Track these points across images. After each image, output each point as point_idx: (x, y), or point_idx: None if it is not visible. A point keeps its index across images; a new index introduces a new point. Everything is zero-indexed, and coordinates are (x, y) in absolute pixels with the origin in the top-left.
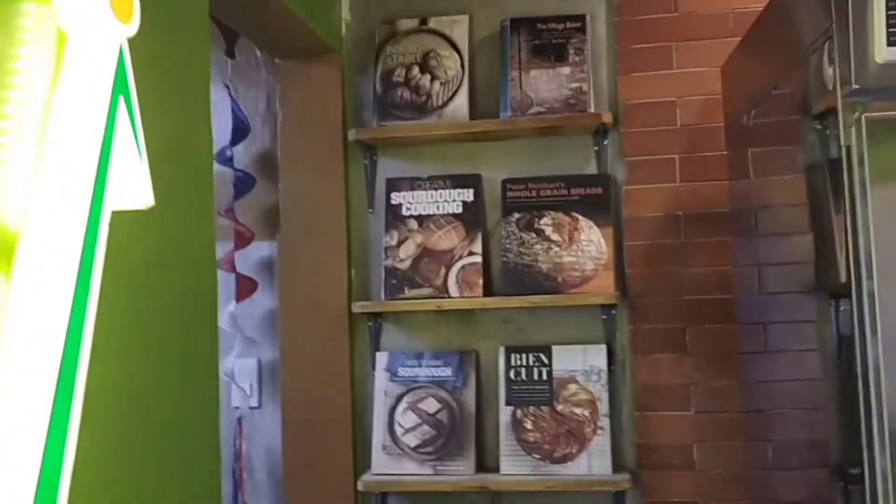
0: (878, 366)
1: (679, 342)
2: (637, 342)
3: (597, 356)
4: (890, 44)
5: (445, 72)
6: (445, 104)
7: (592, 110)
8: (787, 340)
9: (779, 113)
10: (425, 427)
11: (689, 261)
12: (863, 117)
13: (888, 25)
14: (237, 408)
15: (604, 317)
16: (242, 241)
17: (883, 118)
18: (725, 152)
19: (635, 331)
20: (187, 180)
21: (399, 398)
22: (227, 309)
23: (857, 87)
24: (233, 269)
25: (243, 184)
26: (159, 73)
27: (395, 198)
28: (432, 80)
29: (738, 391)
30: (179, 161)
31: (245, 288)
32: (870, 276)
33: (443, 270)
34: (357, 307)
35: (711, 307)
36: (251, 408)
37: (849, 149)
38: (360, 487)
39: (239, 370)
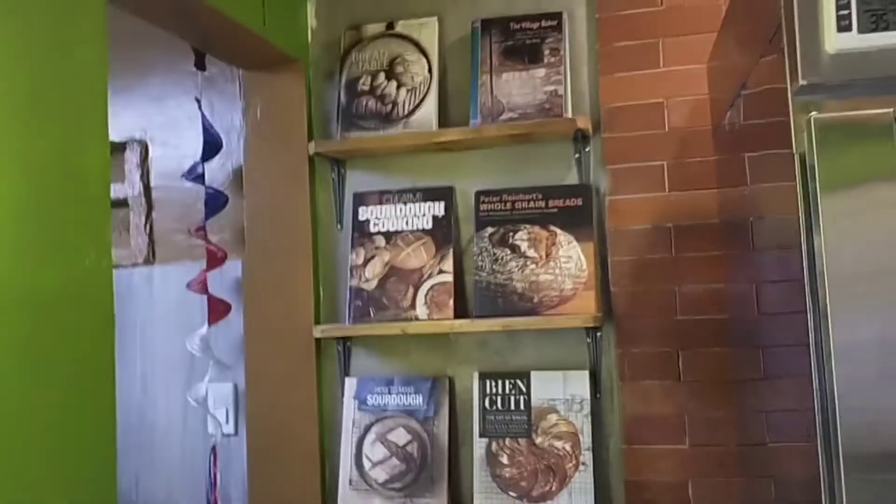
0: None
1: (671, 368)
2: (625, 368)
3: (579, 384)
4: (841, 29)
5: (412, 78)
6: (412, 112)
7: (569, 115)
8: (789, 365)
9: (751, 114)
10: (394, 460)
11: (680, 277)
12: (811, 119)
13: (838, 7)
14: (212, 435)
15: (588, 340)
16: (215, 261)
17: (835, 120)
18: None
19: (623, 355)
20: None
21: (367, 428)
22: (198, 332)
23: (806, 82)
24: (205, 290)
25: (215, 201)
26: (46, 75)
27: (363, 213)
28: (398, 87)
29: (736, 422)
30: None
31: (217, 310)
32: (821, 297)
33: (411, 291)
34: (318, 331)
35: (706, 329)
36: (226, 435)
37: (801, 156)
38: None
39: (213, 396)
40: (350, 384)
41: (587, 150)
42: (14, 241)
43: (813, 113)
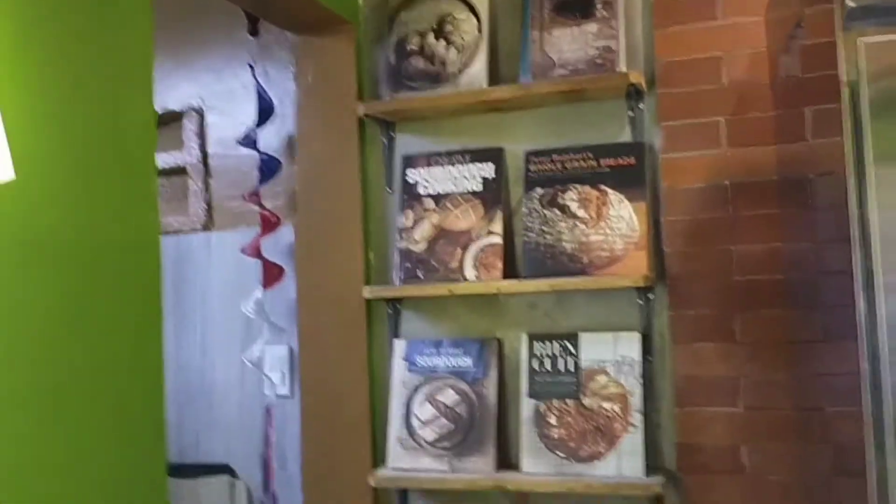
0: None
1: (726, 329)
2: (677, 330)
3: (630, 345)
4: None
5: (462, 37)
6: (461, 72)
7: (623, 70)
8: (849, 326)
9: (811, 67)
10: (443, 420)
11: (737, 237)
12: (860, 43)
13: None
14: (267, 396)
15: (640, 301)
16: (268, 226)
17: (887, 43)
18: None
19: (675, 317)
20: (125, 158)
21: (416, 389)
22: (253, 296)
23: (854, 5)
24: (258, 254)
25: (268, 167)
26: (91, 45)
27: (412, 175)
28: (448, 46)
29: (794, 385)
30: (114, 139)
31: (272, 274)
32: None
33: (459, 252)
34: (367, 292)
35: (763, 289)
36: (279, 396)
37: (850, 85)
38: (372, 483)
39: (269, 358)
40: (399, 346)
41: (641, 106)
42: (63, 199)
43: (862, 38)
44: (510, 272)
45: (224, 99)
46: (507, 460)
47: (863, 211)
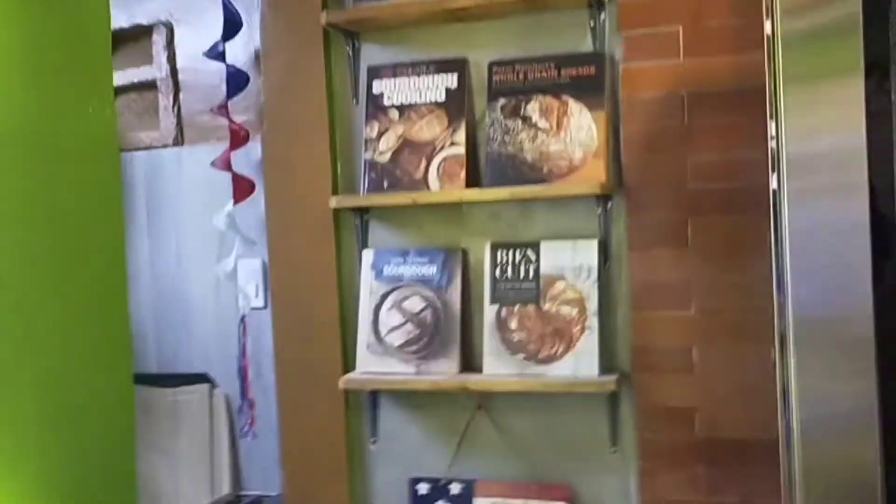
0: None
1: (680, 236)
2: (634, 237)
3: (587, 253)
4: None
5: None
6: None
7: None
8: None
9: None
10: (409, 326)
11: (692, 147)
12: None
13: None
14: (241, 308)
15: (598, 210)
16: (238, 139)
17: None
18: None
19: (632, 224)
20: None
21: (384, 297)
22: (225, 209)
23: None
24: (228, 167)
25: (236, 81)
26: None
27: (377, 86)
28: None
29: (743, 288)
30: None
31: (242, 188)
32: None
33: (423, 163)
34: (334, 202)
35: (717, 197)
36: (254, 308)
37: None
38: (340, 385)
39: (242, 271)
40: (367, 255)
41: (602, 16)
42: (16, 91)
43: None
44: (473, 182)
45: (193, 12)
46: (470, 363)
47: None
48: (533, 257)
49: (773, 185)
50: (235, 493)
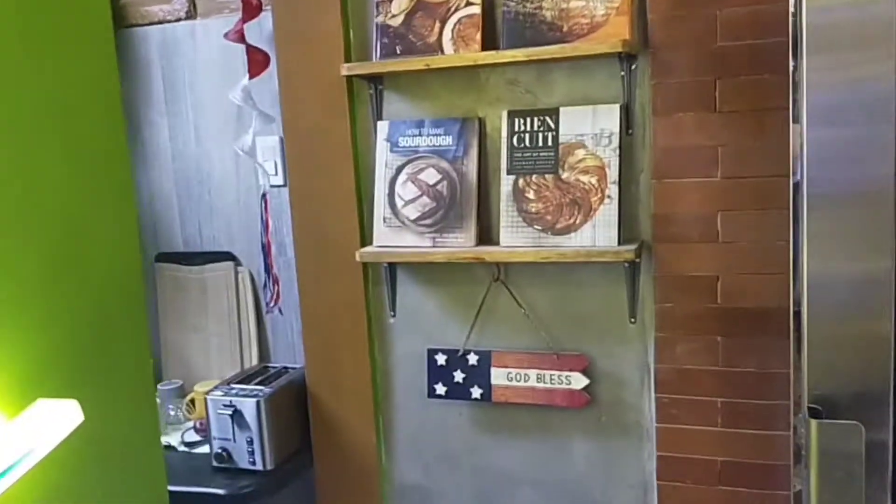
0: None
1: (707, 98)
2: (658, 100)
3: (609, 118)
4: None
5: None
6: None
7: None
8: None
9: None
10: (425, 199)
11: (722, 0)
12: None
13: None
14: (262, 185)
15: (622, 72)
16: (250, 10)
17: None
18: None
19: (657, 86)
20: None
21: (399, 169)
22: (240, 83)
23: None
24: (241, 39)
25: None
26: None
27: None
28: None
29: (770, 153)
30: None
31: (256, 61)
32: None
33: (437, 25)
34: (345, 69)
35: (747, 56)
36: (273, 186)
37: None
38: (357, 258)
39: (261, 148)
40: (382, 127)
41: None
42: None
43: None
44: (489, 45)
45: None
46: (487, 235)
47: None
48: (552, 124)
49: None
50: (262, 365)
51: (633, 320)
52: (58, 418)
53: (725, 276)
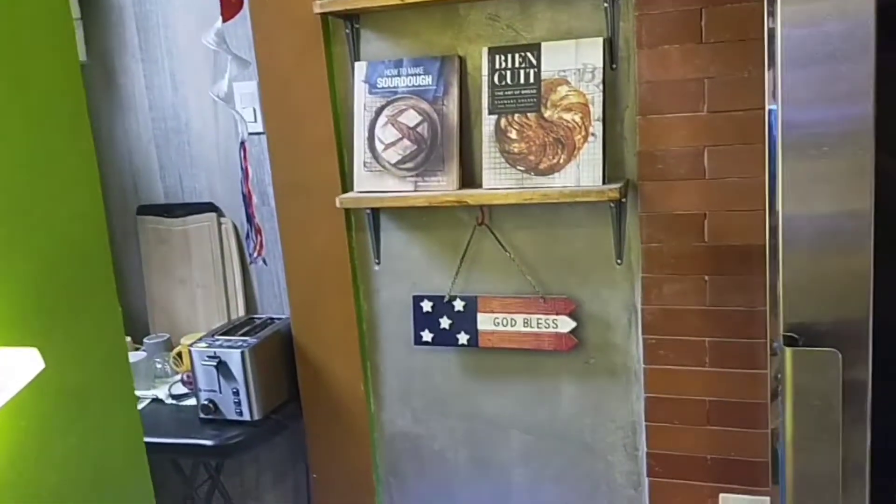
0: None
1: (693, 28)
2: (643, 32)
3: (592, 52)
4: None
5: None
6: None
7: None
8: None
9: None
10: (405, 142)
11: None
12: None
13: None
14: (240, 133)
15: (605, 5)
16: None
17: None
18: None
19: (642, 17)
20: None
21: (379, 112)
22: (214, 27)
23: None
24: None
25: None
26: None
27: None
28: None
29: (758, 84)
30: None
31: (230, 3)
32: None
33: None
34: (318, 6)
35: None
36: (252, 133)
37: None
38: (338, 204)
39: (238, 96)
40: (360, 68)
41: None
42: None
43: None
44: None
45: None
46: (470, 178)
47: None
48: (533, 60)
49: None
50: (248, 317)
51: (619, 261)
52: (17, 366)
53: (712, 213)
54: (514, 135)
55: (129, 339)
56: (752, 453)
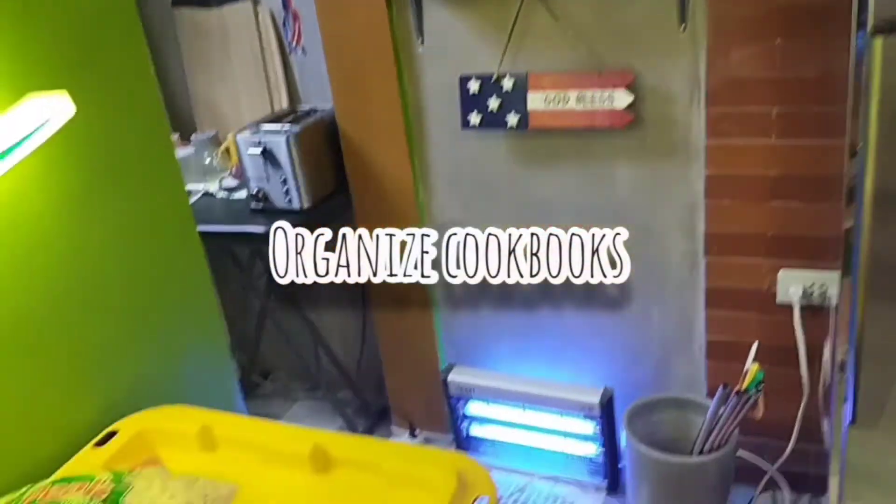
0: None
1: None
2: None
3: None
4: None
5: None
6: None
7: None
8: None
9: None
10: None
11: None
12: None
13: None
14: None
15: None
16: None
17: None
18: None
19: None
20: None
21: None
22: None
23: None
24: None
25: None
26: None
27: None
28: None
29: None
30: None
31: None
32: None
33: None
34: None
35: None
36: None
37: None
38: None
39: None
40: None
41: None
42: None
43: None
44: None
45: None
46: None
47: None
48: None
49: None
50: (291, 108)
51: (683, 28)
52: (48, 110)
53: None
54: None
55: (177, 135)
56: (815, 229)
